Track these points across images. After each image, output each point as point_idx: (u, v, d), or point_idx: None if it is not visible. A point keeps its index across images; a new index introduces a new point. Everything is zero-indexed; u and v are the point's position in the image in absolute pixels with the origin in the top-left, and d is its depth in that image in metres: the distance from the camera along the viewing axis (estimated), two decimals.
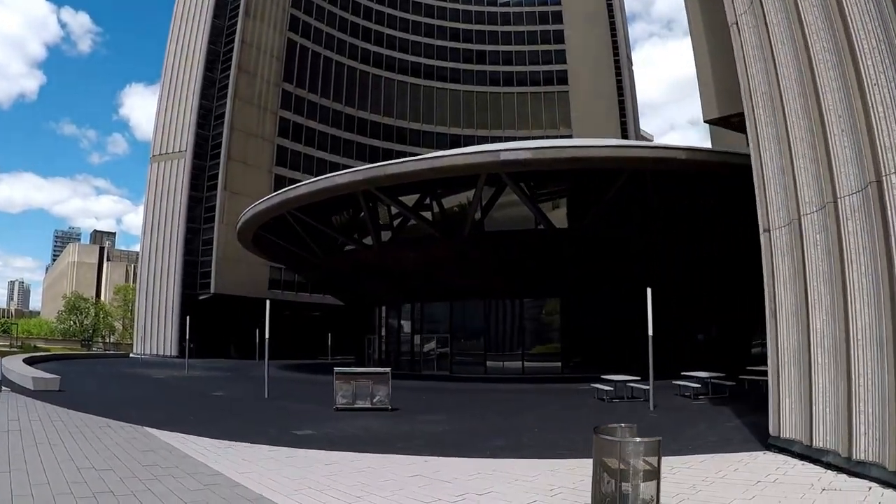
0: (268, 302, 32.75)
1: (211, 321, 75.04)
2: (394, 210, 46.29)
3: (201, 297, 78.87)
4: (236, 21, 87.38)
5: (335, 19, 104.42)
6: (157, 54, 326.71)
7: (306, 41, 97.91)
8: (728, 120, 29.25)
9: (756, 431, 17.12)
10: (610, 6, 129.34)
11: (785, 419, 14.79)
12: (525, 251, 42.79)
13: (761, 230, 16.50)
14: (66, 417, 20.36)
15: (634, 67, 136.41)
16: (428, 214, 44.99)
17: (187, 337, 56.21)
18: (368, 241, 47.19)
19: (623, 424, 10.27)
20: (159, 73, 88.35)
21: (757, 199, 16.91)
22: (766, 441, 15.26)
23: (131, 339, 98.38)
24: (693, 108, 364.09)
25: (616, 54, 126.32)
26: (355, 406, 25.12)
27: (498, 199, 41.89)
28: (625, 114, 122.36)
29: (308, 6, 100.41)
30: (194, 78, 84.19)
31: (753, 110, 17.46)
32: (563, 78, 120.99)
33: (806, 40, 14.48)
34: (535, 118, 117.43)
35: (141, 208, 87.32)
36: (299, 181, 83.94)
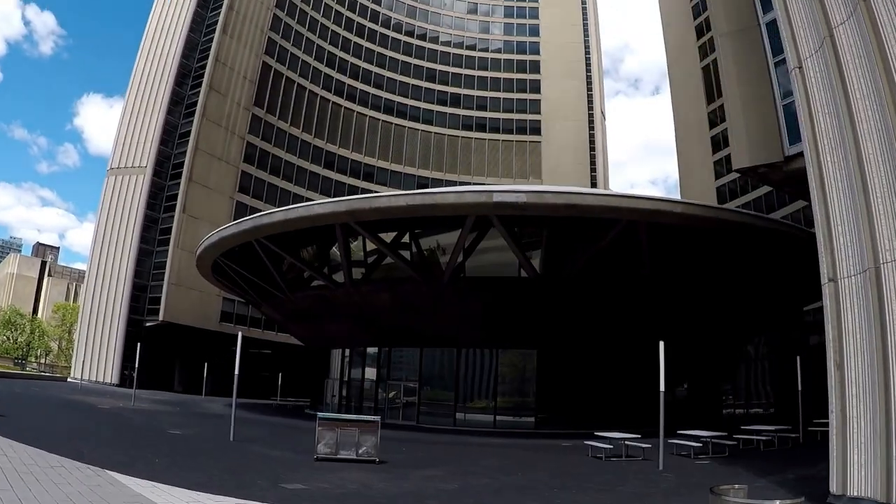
0: (239, 335, 30.16)
1: (156, 350, 70.48)
2: (369, 247, 44.22)
3: (148, 324, 74.42)
4: (212, 38, 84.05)
5: (312, 47, 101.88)
6: (121, 66, 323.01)
7: (281, 66, 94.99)
8: (756, 170, 28.61)
9: (799, 488, 16.33)
10: (588, 61, 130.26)
11: (853, 475, 14.14)
12: (506, 299, 41.05)
13: (825, 280, 16.04)
14: (11, 452, 17.68)
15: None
16: (405, 254, 42.99)
17: (136, 365, 52.57)
18: (339, 277, 44.74)
19: (736, 486, 10.17)
20: (119, 86, 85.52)
21: (821, 247, 16.51)
22: (826, 500, 14.54)
23: (67, 361, 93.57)
24: (655, 167, 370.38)
25: (591, 108, 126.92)
26: (339, 456, 22.93)
27: (480, 242, 40.40)
28: (595, 168, 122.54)
29: (286, 31, 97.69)
30: (163, 91, 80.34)
31: (819, 155, 17.02)
32: (536, 128, 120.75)
33: (891, 82, 14.19)
34: (506, 167, 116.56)
35: (86, 225, 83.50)
36: (261, 210, 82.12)
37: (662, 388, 23.64)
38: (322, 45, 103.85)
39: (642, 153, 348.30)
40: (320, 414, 24.80)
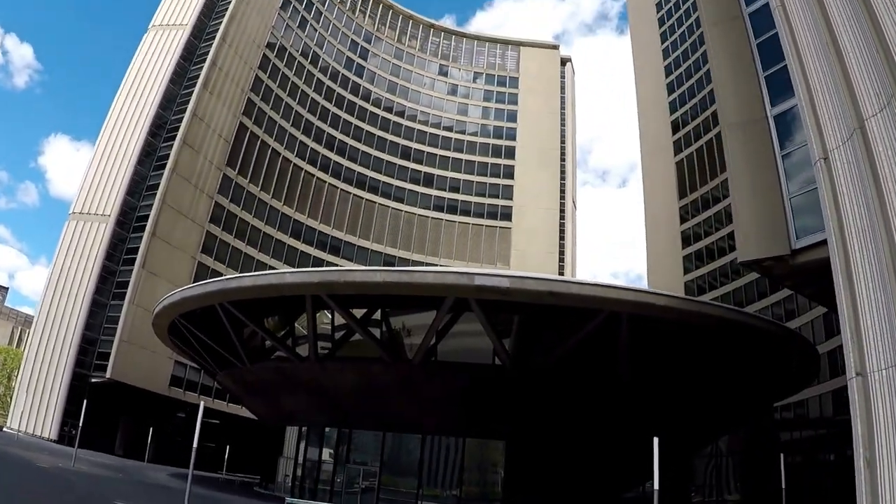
0: (201, 405, 27.52)
1: (100, 409, 66.74)
2: (337, 321, 42.54)
3: (94, 380, 70.27)
4: (192, 92, 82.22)
5: (290, 113, 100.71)
6: (94, 110, 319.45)
7: (258, 129, 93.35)
8: (761, 263, 27.94)
9: None
10: (563, 150, 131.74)
11: None
12: (478, 386, 39.58)
13: (852, 374, 15.50)
14: None
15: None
16: (374, 332, 41.47)
17: (80, 423, 49.56)
18: (303, 351, 42.61)
19: None
20: (89, 130, 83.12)
21: (847, 340, 15.99)
22: None
23: (4, 409, 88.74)
24: (618, 260, 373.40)
25: (563, 197, 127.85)
26: None
27: (453, 325, 39.07)
28: (564, 258, 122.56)
29: (266, 94, 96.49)
30: (135, 140, 77.66)
31: (846, 246, 16.90)
32: (507, 214, 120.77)
33: None
34: (474, 251, 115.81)
35: (38, 268, 79.18)
36: (222, 273, 79.94)
37: (657, 486, 22.48)
38: (300, 112, 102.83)
39: (606, 245, 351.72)
40: (289, 499, 22.24)
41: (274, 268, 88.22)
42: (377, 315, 41.85)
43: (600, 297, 34.78)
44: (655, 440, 22.97)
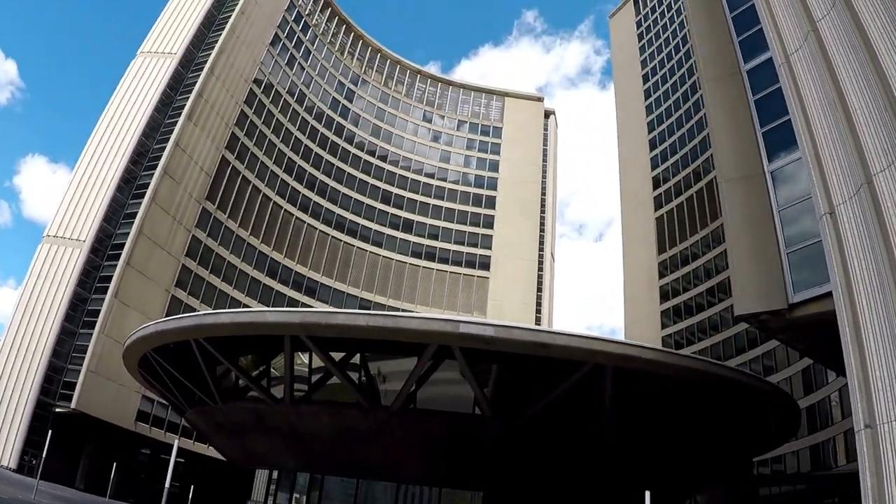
0: (175, 443, 25.95)
1: (63, 439, 64.49)
2: (315, 364, 41.90)
3: (58, 410, 67.89)
4: (176, 122, 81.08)
5: (273, 151, 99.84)
6: (74, 132, 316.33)
7: (239, 164, 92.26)
8: (758, 317, 27.80)
9: None
10: (543, 202, 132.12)
11: None
12: (457, 436, 39.08)
13: (860, 426, 15.62)
14: None
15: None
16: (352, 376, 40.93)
17: (44, 454, 47.86)
18: (278, 392, 41.74)
19: None
20: (67, 152, 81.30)
21: (855, 391, 16.08)
22: None
23: None
24: (593, 314, 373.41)
25: (541, 249, 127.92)
26: None
27: (433, 373, 38.48)
28: (541, 309, 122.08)
29: (251, 129, 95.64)
30: (115, 166, 76.03)
31: (853, 299, 17.04)
32: (485, 263, 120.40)
33: None
34: (451, 299, 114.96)
35: (5, 290, 76.44)
36: (196, 309, 78.30)
37: None
38: (283, 150, 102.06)
39: (581, 298, 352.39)
40: None
41: (248, 306, 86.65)
42: (355, 359, 40.98)
43: (586, 348, 34.22)
44: (647, 494, 22.68)
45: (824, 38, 19.85)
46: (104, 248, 73.21)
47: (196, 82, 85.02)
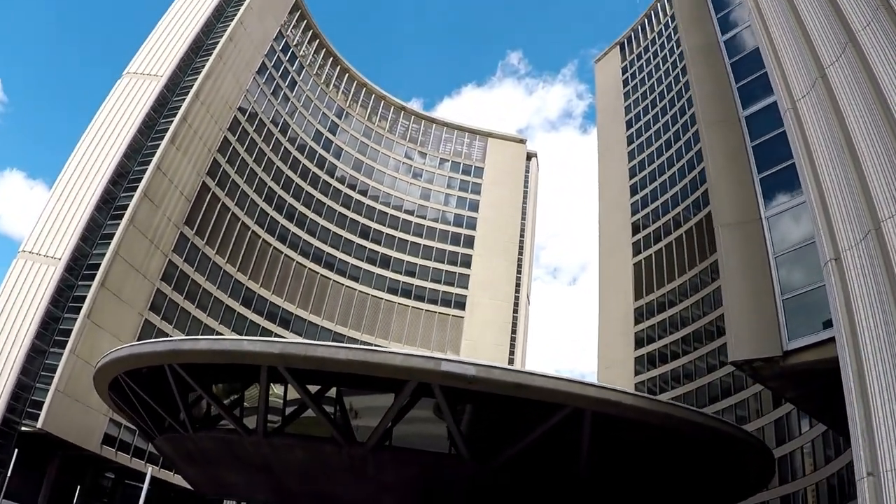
0: (149, 471, 24.97)
1: (27, 459, 62.88)
2: (290, 395, 40.89)
3: (24, 429, 66.06)
4: (158, 144, 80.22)
5: (254, 179, 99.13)
6: (54, 150, 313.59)
7: (220, 191, 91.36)
8: (751, 363, 27.70)
9: None
10: (522, 244, 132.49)
11: None
12: (433, 474, 39.12)
13: (862, 474, 15.56)
14: None
15: None
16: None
17: (8, 473, 46.37)
18: (251, 423, 40.62)
19: None
20: (46, 170, 79.73)
21: (858, 439, 16.05)
22: None
23: None
24: (562, 359, 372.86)
25: (517, 290, 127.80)
26: None
27: (410, 410, 38.07)
28: (514, 351, 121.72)
29: (233, 157, 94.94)
30: (95, 185, 74.74)
31: (858, 348, 16.81)
32: (461, 303, 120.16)
33: None
34: (425, 337, 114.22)
35: None
36: (168, 335, 77.00)
37: None
38: (264, 179, 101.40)
39: (554, 341, 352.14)
40: None
41: (222, 334, 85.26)
42: (331, 392, 40.18)
43: (566, 391, 34.12)
44: None
45: (833, 84, 20.02)
46: (79, 267, 71.79)
47: (181, 106, 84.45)
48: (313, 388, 38.92)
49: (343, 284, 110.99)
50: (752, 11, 25.93)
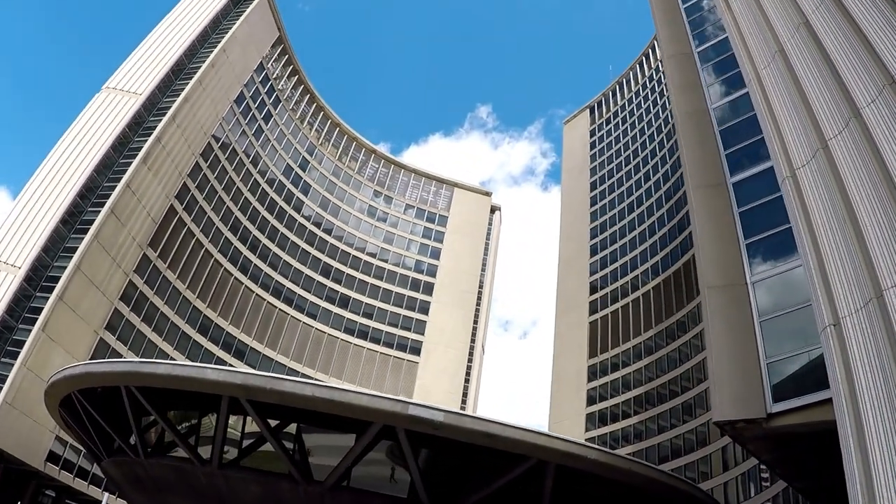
0: (105, 498, 24.45)
1: None
2: (248, 428, 40.46)
3: None
4: (130, 163, 79.58)
5: (221, 208, 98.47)
6: (25, 156, 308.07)
7: (187, 216, 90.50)
8: (734, 424, 28.10)
9: None
10: (480, 294, 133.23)
11: None
12: None
13: None
14: None
15: None
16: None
17: None
18: (205, 452, 39.86)
19: None
20: (13, 177, 77.71)
21: (857, 497, 16.15)
22: None
23: None
24: (511, 411, 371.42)
25: (473, 340, 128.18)
26: None
27: (370, 451, 37.45)
28: (466, 400, 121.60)
29: (203, 183, 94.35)
30: (63, 197, 73.56)
31: (858, 412, 16.94)
32: (416, 349, 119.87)
33: None
34: (379, 380, 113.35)
35: None
36: (123, 356, 75.54)
37: None
38: (231, 209, 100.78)
39: (503, 393, 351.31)
40: None
41: (175, 359, 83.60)
42: (290, 428, 39.54)
43: (533, 443, 34.01)
44: None
45: (836, 155, 20.51)
46: (38, 278, 70.28)
47: (156, 126, 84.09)
48: (273, 422, 38.28)
49: (300, 320, 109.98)
50: (752, 82, 26.84)
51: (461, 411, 35.55)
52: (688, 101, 42.52)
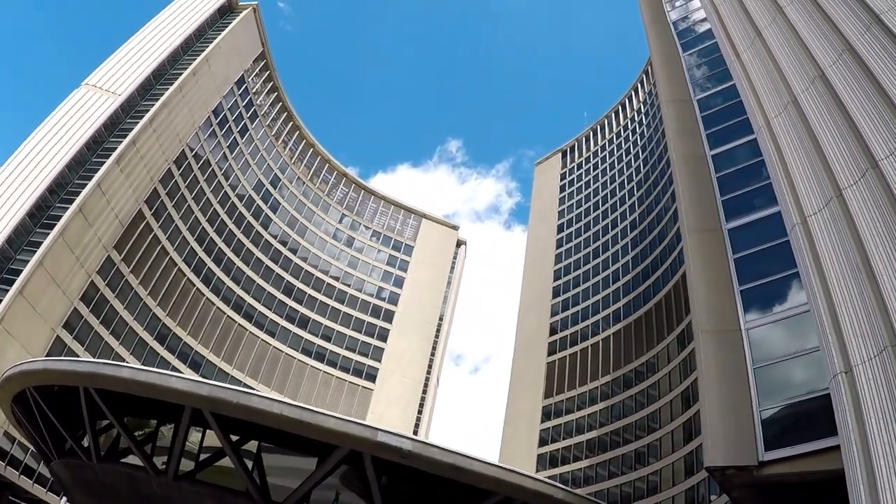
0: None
1: None
2: (207, 441, 39.44)
3: None
4: (103, 162, 78.53)
5: (189, 217, 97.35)
6: None
7: (154, 222, 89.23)
8: (725, 470, 28.00)
9: None
10: (439, 327, 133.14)
11: None
12: None
13: None
14: None
15: None
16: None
17: None
18: (160, 462, 39.19)
19: None
20: None
21: None
22: None
23: None
24: (462, 446, 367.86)
25: (429, 372, 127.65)
26: None
27: (330, 475, 36.63)
28: (418, 431, 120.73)
29: (173, 190, 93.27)
30: (31, 192, 72.42)
31: (870, 460, 16.72)
32: (372, 375, 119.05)
33: None
34: (332, 404, 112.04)
35: None
36: (79, 356, 73.74)
37: None
38: (199, 219, 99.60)
39: (454, 427, 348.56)
40: None
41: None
42: (250, 445, 38.84)
43: (501, 479, 33.63)
44: None
45: (851, 205, 20.75)
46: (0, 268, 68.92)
47: (133, 128, 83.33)
48: (233, 438, 37.83)
49: (258, 337, 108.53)
50: (762, 130, 27.30)
51: (429, 441, 35.10)
52: (685, 145, 42.80)
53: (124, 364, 40.98)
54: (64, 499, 34.51)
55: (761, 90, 28.68)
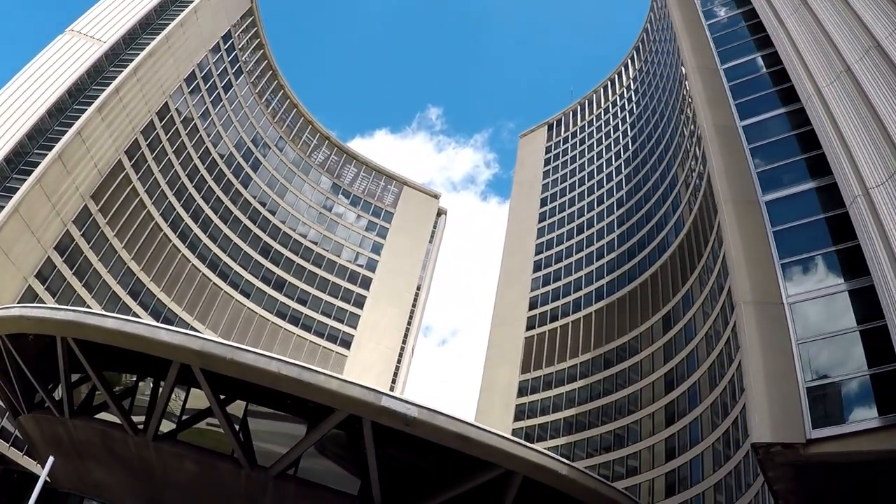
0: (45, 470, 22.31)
1: None
2: (192, 401, 38.31)
3: None
4: (84, 110, 75.79)
5: (170, 171, 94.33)
6: None
7: (134, 174, 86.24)
8: (770, 447, 26.69)
9: None
10: (416, 296, 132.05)
11: None
12: None
13: None
14: None
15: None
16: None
17: None
18: (138, 419, 37.70)
19: None
20: None
21: None
22: None
23: None
24: None
25: (404, 341, 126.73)
26: None
27: (321, 439, 35.44)
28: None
29: (154, 142, 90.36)
30: (9, 137, 69.69)
31: None
32: (347, 342, 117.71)
33: None
34: None
35: None
36: (51, 306, 71.14)
37: None
38: (179, 174, 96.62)
39: (426, 398, 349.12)
40: None
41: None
42: (235, 407, 37.24)
43: (507, 451, 32.50)
44: None
45: None
46: None
47: (116, 77, 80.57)
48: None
49: (233, 297, 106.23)
50: (812, 99, 26.05)
51: (437, 409, 33.66)
52: (717, 114, 41.29)
53: (109, 314, 38.82)
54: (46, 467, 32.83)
55: (809, 58, 27.38)
